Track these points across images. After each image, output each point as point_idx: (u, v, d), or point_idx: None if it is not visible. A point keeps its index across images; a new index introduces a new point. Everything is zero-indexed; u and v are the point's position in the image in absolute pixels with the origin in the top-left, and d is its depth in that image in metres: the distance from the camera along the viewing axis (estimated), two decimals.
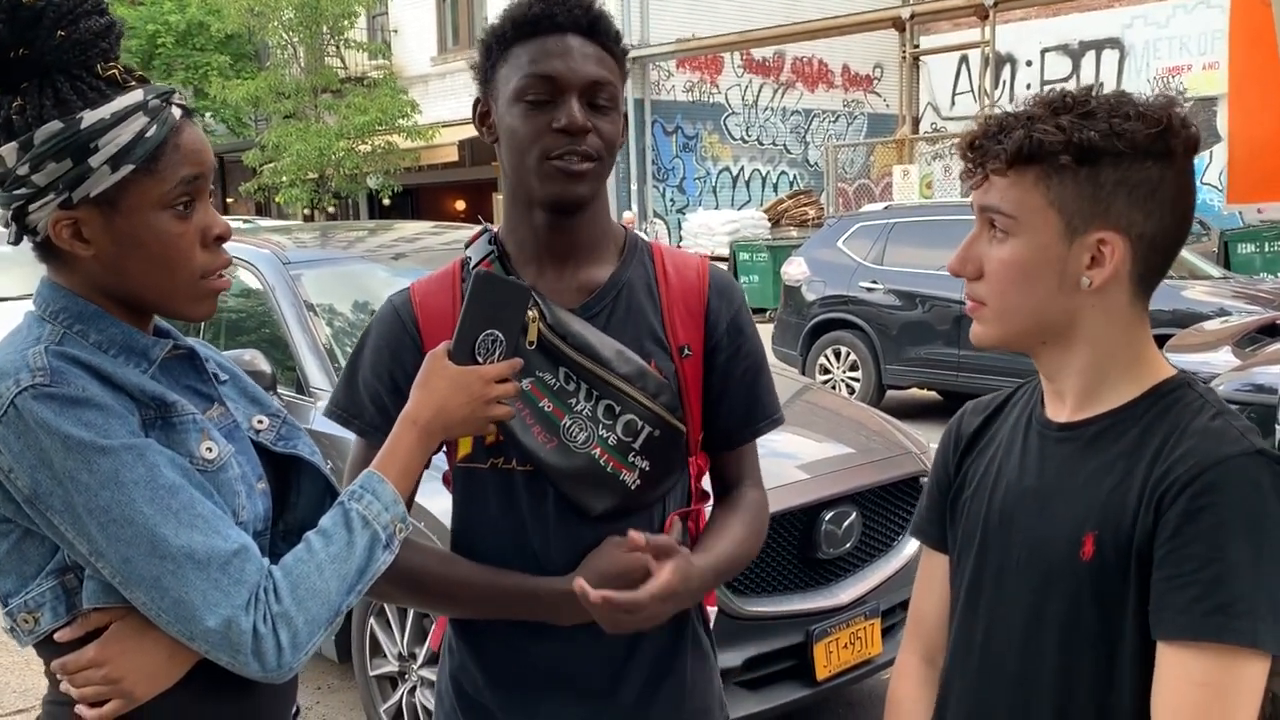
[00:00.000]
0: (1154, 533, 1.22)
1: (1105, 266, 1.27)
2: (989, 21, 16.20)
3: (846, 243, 10.21)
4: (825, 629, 3.50)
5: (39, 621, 1.31)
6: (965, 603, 1.44)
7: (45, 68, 1.27)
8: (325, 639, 1.34)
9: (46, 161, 1.27)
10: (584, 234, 1.64)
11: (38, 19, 1.25)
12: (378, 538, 1.36)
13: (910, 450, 4.07)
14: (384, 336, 1.66)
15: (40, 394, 1.22)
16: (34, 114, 1.27)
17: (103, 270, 1.33)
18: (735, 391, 1.69)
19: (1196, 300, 8.55)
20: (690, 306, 1.67)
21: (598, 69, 1.55)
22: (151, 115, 1.31)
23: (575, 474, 1.58)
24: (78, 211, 1.29)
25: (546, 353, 1.59)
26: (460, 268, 1.68)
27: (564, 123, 1.52)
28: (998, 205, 1.30)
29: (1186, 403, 1.28)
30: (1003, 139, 1.28)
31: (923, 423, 7.49)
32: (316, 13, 21.00)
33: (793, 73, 23.81)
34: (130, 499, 1.22)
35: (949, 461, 1.53)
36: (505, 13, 1.59)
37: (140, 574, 1.23)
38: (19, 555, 1.30)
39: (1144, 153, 1.24)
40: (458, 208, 25.88)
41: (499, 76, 1.58)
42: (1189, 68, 19.46)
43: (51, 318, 1.33)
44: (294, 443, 1.52)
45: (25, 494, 1.23)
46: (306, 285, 4.57)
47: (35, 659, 1.37)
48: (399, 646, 3.72)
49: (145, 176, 1.30)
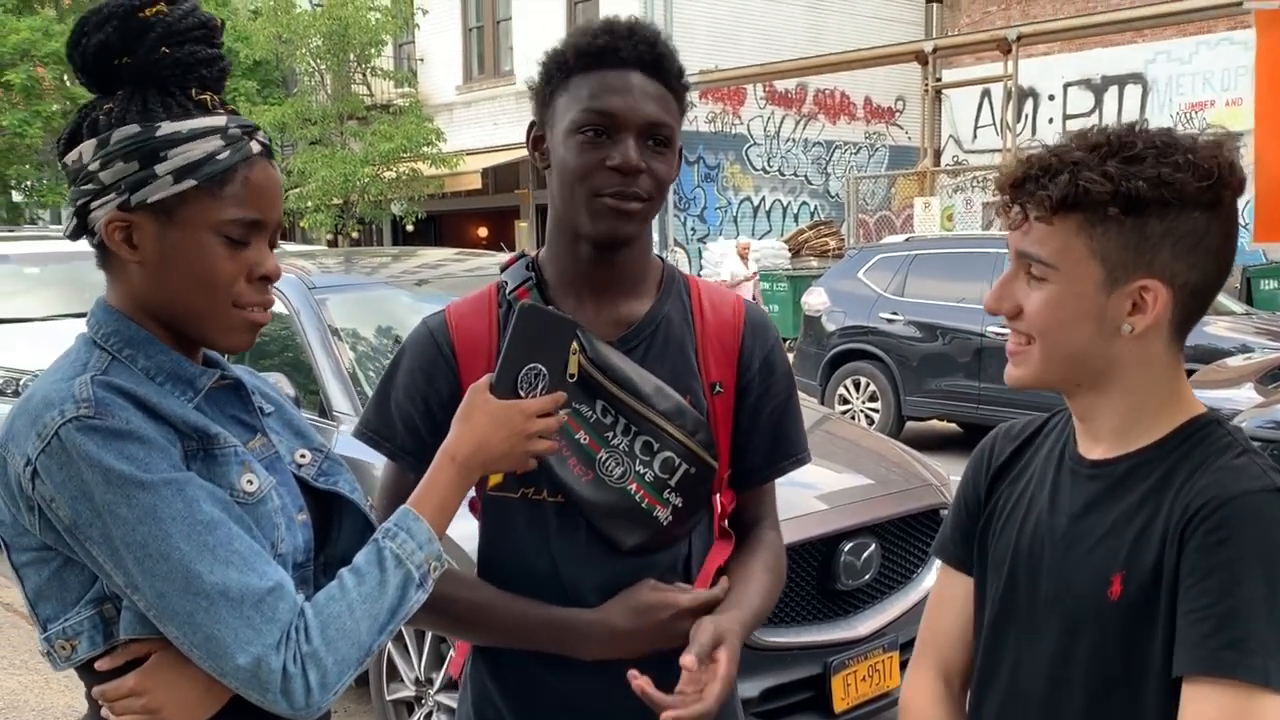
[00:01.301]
0: (1178, 567, 1.21)
1: (1147, 314, 1.26)
2: (1012, 56, 16.21)
3: (867, 274, 10.21)
4: (843, 661, 3.49)
5: (76, 649, 1.31)
6: (991, 633, 1.43)
7: (143, 79, 1.32)
8: (355, 677, 1.33)
9: (115, 160, 1.30)
10: (627, 269, 1.63)
11: (146, 31, 1.30)
12: (411, 577, 1.34)
13: (930, 482, 4.06)
14: (418, 359, 1.64)
15: (84, 426, 1.23)
16: (118, 116, 1.31)
17: (145, 282, 1.34)
18: (763, 430, 1.69)
19: (1219, 336, 8.52)
20: (725, 343, 1.67)
21: (657, 110, 1.54)
22: (228, 141, 1.33)
23: (609, 509, 1.58)
24: (133, 215, 1.31)
25: (585, 386, 1.58)
26: (496, 291, 1.67)
27: (618, 162, 1.51)
28: (1037, 254, 1.28)
29: (1213, 440, 1.28)
30: (1046, 183, 1.25)
31: (942, 455, 7.45)
32: (344, 40, 21.19)
33: (815, 104, 23.85)
34: (167, 534, 1.23)
35: (980, 485, 1.51)
36: (569, 40, 1.58)
37: (174, 609, 1.23)
38: (59, 582, 1.31)
39: (1192, 203, 1.22)
40: (480, 235, 25.97)
41: (557, 104, 1.57)
42: (1212, 104, 19.41)
43: (103, 340, 1.34)
44: (335, 479, 1.51)
45: (66, 524, 1.24)
46: (331, 310, 4.61)
47: (54, 679, 1.39)
48: (416, 671, 3.72)
49: (205, 196, 1.31)
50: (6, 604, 5.76)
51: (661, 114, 1.54)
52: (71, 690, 4.53)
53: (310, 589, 1.40)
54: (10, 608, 5.69)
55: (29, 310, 7.83)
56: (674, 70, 1.58)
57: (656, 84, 1.55)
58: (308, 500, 1.46)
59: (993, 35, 17.35)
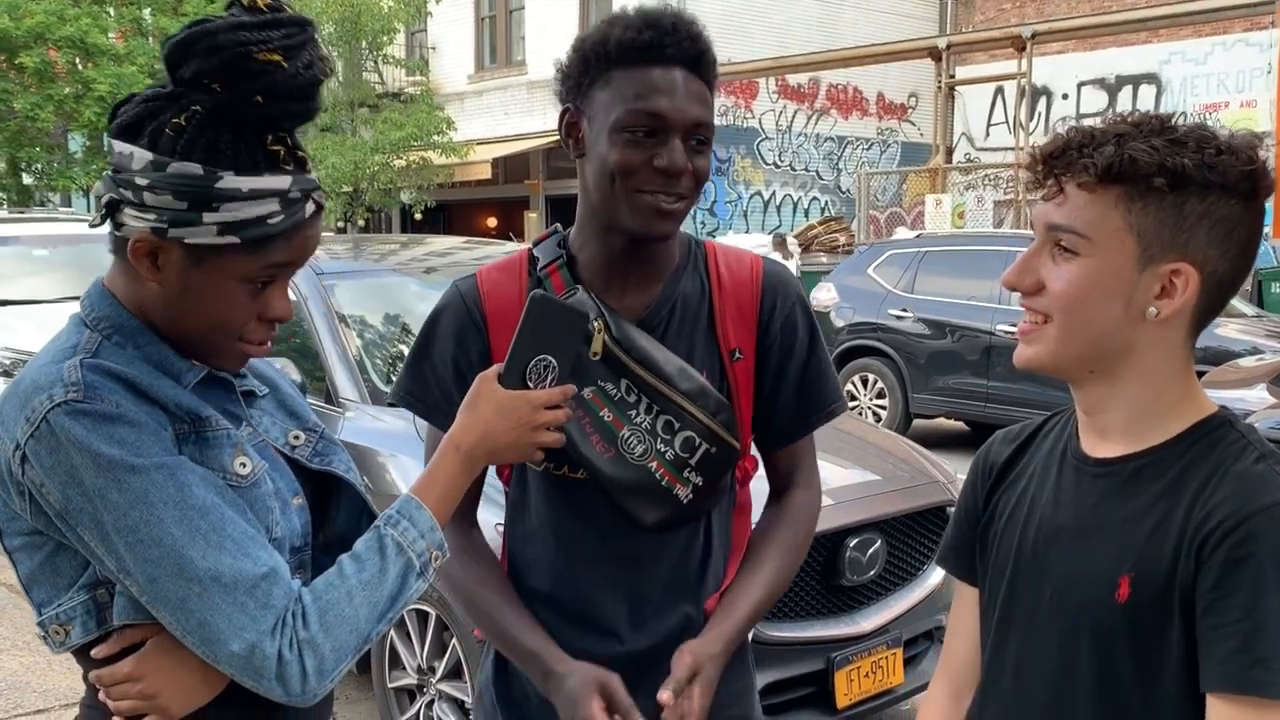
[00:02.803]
0: (1196, 578, 1.19)
1: (1175, 298, 1.23)
2: (1026, 53, 16.15)
3: (877, 270, 10.18)
4: (847, 657, 3.47)
5: (69, 634, 1.31)
6: (995, 637, 1.42)
7: (223, 113, 1.24)
8: (353, 663, 1.33)
9: (165, 192, 1.25)
10: (657, 258, 1.65)
11: (252, 78, 1.23)
12: (411, 565, 1.33)
13: (937, 479, 4.04)
14: (450, 323, 1.66)
15: (73, 410, 1.21)
16: (185, 145, 1.24)
17: (158, 301, 1.32)
18: (789, 388, 1.69)
19: (1230, 338, 8.49)
20: (742, 307, 1.67)
21: (701, 109, 1.54)
22: (285, 206, 1.28)
23: (629, 485, 1.59)
24: (164, 242, 1.27)
25: (610, 364, 1.59)
26: (528, 260, 1.68)
27: (665, 164, 1.51)
28: (1071, 224, 1.25)
29: (1229, 443, 1.25)
30: (1090, 152, 1.22)
31: (949, 453, 7.44)
32: (356, 28, 21.18)
33: (827, 99, 23.82)
34: (159, 519, 1.21)
35: (978, 493, 1.50)
36: (610, 29, 1.55)
37: (166, 595, 1.22)
38: (52, 568, 1.30)
39: (1231, 189, 1.21)
40: (489, 224, 25.98)
41: (596, 98, 1.55)
42: (1226, 105, 19.34)
43: (93, 324, 1.32)
44: (330, 459, 1.50)
45: (56, 509, 1.23)
46: (339, 296, 4.60)
47: (56, 661, 1.39)
48: (418, 659, 3.72)
49: (244, 253, 1.28)
50: (9, 585, 5.77)
51: (705, 114, 1.55)
52: (74, 672, 4.51)
53: (309, 572, 1.39)
54: (13, 589, 5.70)
55: (37, 292, 7.86)
56: (714, 67, 1.59)
57: (699, 82, 1.56)
58: (303, 482, 1.45)
59: (1007, 32, 17.29)
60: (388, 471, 3.74)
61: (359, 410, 4.12)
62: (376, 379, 4.31)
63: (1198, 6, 15.22)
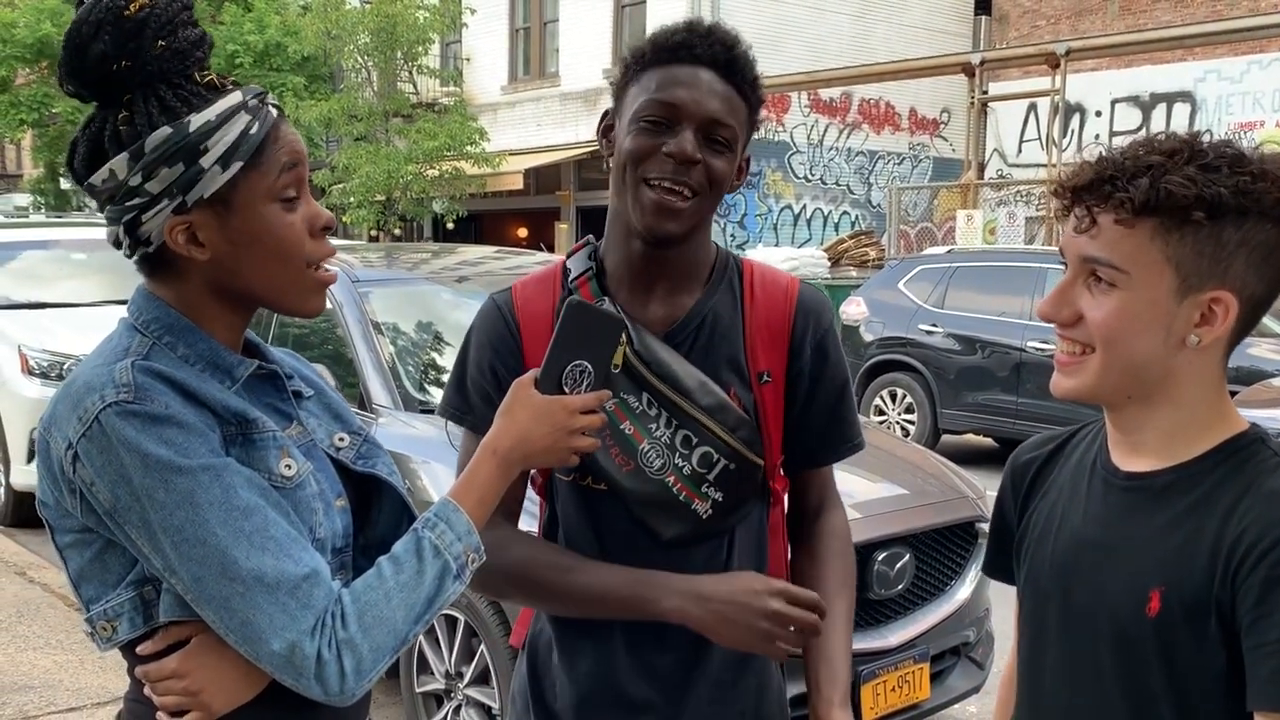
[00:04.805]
0: (1234, 597, 1.19)
1: (1215, 326, 1.24)
2: (1060, 70, 16.07)
3: (907, 285, 10.16)
4: (873, 670, 3.47)
5: (116, 630, 1.34)
6: (1030, 649, 1.43)
7: (148, 78, 1.30)
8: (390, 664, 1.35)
9: (159, 168, 1.29)
10: (678, 265, 1.64)
11: (140, 30, 1.28)
12: (449, 568, 1.35)
13: (966, 495, 4.03)
14: (486, 333, 1.69)
15: (124, 411, 1.24)
16: (143, 123, 1.29)
17: (218, 272, 1.35)
18: (817, 415, 1.70)
19: (1261, 358, 8.41)
20: (774, 330, 1.67)
21: (721, 107, 1.55)
22: (252, 113, 1.33)
23: (648, 499, 1.60)
24: (192, 215, 1.31)
25: (631, 376, 1.60)
26: (561, 273, 1.70)
27: (672, 149, 1.52)
28: (1109, 259, 1.24)
29: (1261, 460, 1.26)
30: (1125, 185, 1.22)
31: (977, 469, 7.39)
32: (392, 38, 21.32)
33: (859, 114, 23.76)
34: (204, 519, 1.24)
35: (1010, 508, 1.51)
36: (652, 35, 1.61)
37: (210, 594, 1.25)
38: (100, 565, 1.33)
39: (1266, 214, 1.21)
40: (520, 235, 26.06)
41: (627, 95, 1.59)
42: (1261, 124, 19.14)
43: (143, 327, 1.36)
44: (373, 462, 1.52)
45: (105, 507, 1.26)
46: (373, 303, 4.64)
47: (89, 660, 1.41)
48: (446, 664, 3.75)
49: (253, 172, 1.32)
50: (44, 585, 5.84)
51: (725, 113, 1.55)
52: (105, 671, 4.59)
53: (350, 573, 1.41)
54: (48, 589, 5.77)
55: (76, 296, 7.94)
56: (747, 75, 1.59)
57: (726, 85, 1.56)
58: (346, 484, 1.47)
59: (1041, 49, 17.22)
60: (420, 478, 3.78)
61: (391, 416, 4.16)
62: (409, 385, 4.35)
63: (1234, 25, 15.13)
